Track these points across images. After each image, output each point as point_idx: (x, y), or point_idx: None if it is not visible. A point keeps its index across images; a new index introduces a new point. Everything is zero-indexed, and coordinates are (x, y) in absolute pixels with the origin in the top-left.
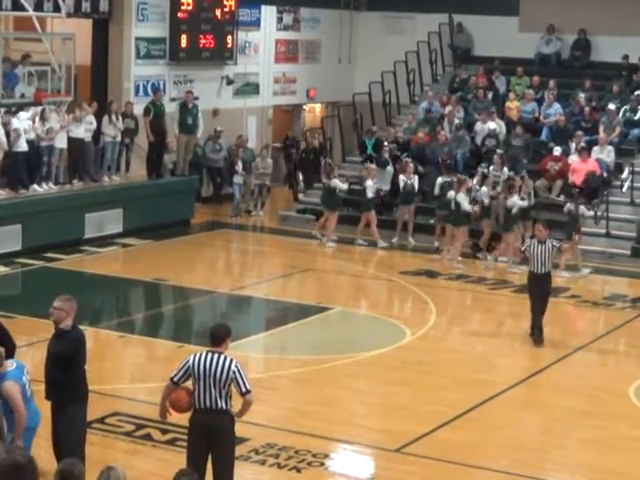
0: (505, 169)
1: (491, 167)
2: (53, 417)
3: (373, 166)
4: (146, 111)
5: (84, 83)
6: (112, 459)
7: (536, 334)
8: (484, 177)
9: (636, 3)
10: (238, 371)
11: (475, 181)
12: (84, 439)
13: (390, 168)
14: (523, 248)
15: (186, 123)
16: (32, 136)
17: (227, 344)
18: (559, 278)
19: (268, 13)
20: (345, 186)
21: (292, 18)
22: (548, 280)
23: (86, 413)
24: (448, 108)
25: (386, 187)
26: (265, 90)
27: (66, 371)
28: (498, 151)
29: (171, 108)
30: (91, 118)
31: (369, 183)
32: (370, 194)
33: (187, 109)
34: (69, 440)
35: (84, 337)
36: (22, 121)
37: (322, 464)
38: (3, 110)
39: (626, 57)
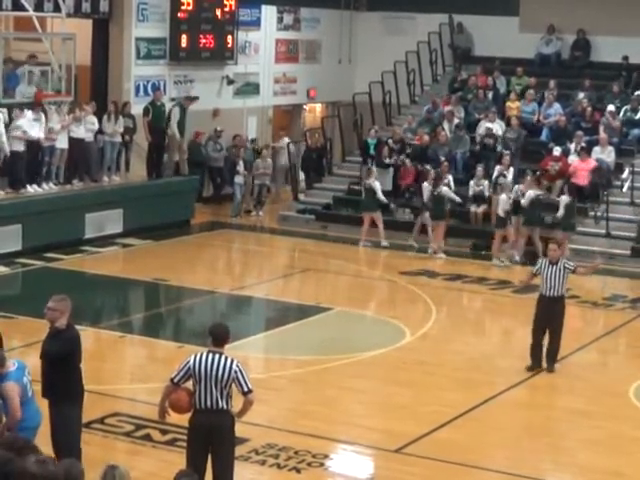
0: (512, 169)
1: (497, 167)
2: (49, 415)
3: (506, 180)
4: (145, 111)
5: (84, 83)
6: (112, 459)
7: (548, 362)
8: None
9: (636, 3)
10: (240, 371)
11: (473, 182)
12: (79, 438)
13: (391, 170)
14: (534, 270)
15: (183, 126)
16: (35, 137)
17: (226, 344)
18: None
19: (268, 13)
20: (382, 198)
21: (292, 18)
22: (560, 305)
23: (81, 412)
24: (448, 108)
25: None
26: (265, 90)
27: (61, 370)
28: (505, 152)
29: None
30: (93, 119)
31: (503, 197)
32: (505, 208)
33: (185, 112)
34: (64, 439)
35: (79, 336)
36: (29, 121)
37: (322, 464)
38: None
39: (626, 58)
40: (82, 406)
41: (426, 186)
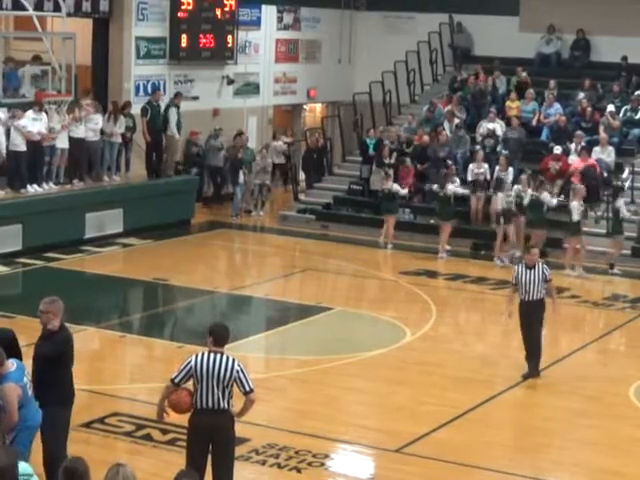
0: (510, 169)
1: (496, 167)
2: None
3: (581, 186)
4: (144, 112)
5: (84, 83)
6: (112, 459)
7: (530, 369)
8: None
9: (636, 3)
10: (241, 370)
11: (472, 165)
12: (66, 440)
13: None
14: (512, 280)
15: (180, 125)
16: (38, 136)
17: (226, 344)
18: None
19: (268, 13)
20: (404, 191)
21: (292, 18)
22: (539, 309)
23: (70, 414)
24: (448, 108)
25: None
26: (265, 90)
27: (52, 372)
28: (503, 152)
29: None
30: (97, 118)
31: (574, 204)
32: (576, 217)
33: (179, 110)
34: (52, 440)
35: (71, 338)
36: (29, 121)
37: (322, 464)
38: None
39: (625, 58)
40: (72, 408)
41: (501, 196)
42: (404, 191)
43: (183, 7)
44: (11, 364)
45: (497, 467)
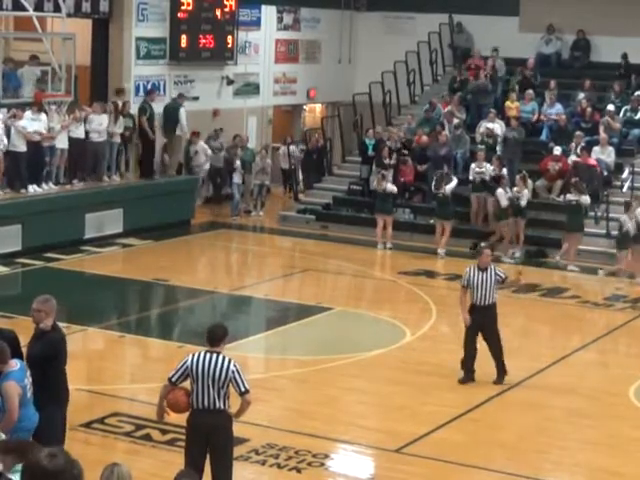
0: (505, 170)
1: (490, 168)
2: None
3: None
4: (143, 111)
5: (84, 83)
6: (112, 459)
7: (498, 374)
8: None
9: (636, 3)
10: (237, 371)
11: (474, 165)
12: (63, 440)
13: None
14: (463, 282)
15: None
16: (37, 137)
17: (224, 344)
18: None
19: (268, 13)
20: (395, 189)
21: (292, 18)
22: (492, 313)
23: (65, 414)
24: (448, 108)
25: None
26: (265, 90)
27: (45, 372)
28: (498, 152)
29: None
30: (100, 119)
31: (624, 218)
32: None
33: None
34: (47, 442)
35: (64, 338)
36: (29, 121)
37: (322, 464)
38: (5, 110)
39: (625, 56)
40: (66, 409)
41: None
42: (393, 187)
43: (183, 7)
44: (15, 363)
45: (497, 467)
